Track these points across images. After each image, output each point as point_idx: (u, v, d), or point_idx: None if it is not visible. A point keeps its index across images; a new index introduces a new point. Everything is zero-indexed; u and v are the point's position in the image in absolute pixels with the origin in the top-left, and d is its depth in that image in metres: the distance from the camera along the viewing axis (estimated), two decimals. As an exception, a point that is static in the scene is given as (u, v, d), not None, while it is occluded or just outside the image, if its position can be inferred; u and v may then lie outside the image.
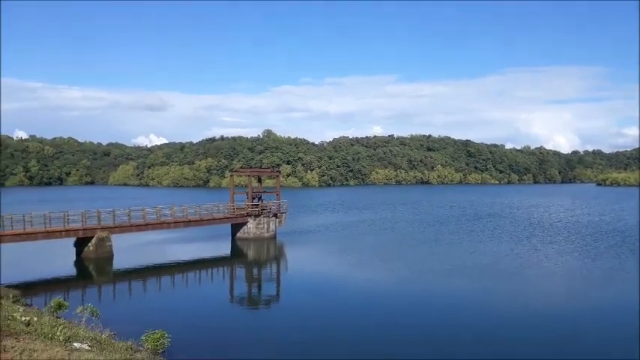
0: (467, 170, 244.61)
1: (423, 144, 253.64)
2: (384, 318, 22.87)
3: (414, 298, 26.53)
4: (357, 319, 22.82)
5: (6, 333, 9.91)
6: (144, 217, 40.89)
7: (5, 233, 32.50)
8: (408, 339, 19.99)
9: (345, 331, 20.97)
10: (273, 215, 48.87)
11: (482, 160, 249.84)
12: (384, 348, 18.75)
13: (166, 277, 32.64)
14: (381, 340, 19.65)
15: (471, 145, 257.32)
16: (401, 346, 18.98)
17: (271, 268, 37.90)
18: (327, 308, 24.86)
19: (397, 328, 21.34)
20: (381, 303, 25.70)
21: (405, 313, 23.94)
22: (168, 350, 15.96)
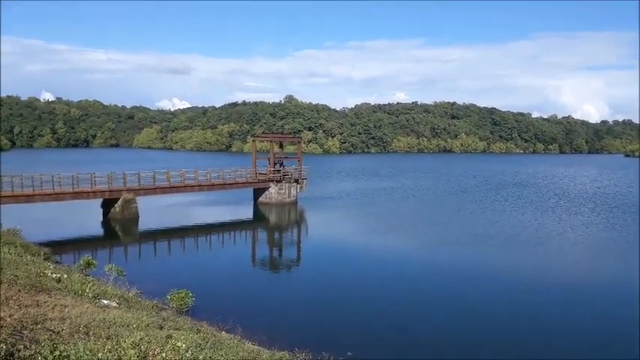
0: (491, 139, 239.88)
1: (447, 111, 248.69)
2: (402, 284, 23.07)
3: (433, 266, 26.60)
4: (376, 284, 23.07)
5: (38, 289, 10.31)
6: (168, 179, 41.58)
7: (35, 193, 33.51)
8: (424, 305, 20.18)
9: (364, 295, 21.24)
10: (295, 181, 49.13)
11: (508, 128, 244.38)
12: (399, 314, 18.97)
13: (190, 238, 33.37)
14: (398, 306, 19.86)
15: (496, 114, 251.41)
16: (416, 313, 19.19)
17: (292, 233, 38.35)
18: (346, 273, 25.18)
19: (414, 294, 21.53)
20: (400, 269, 25.88)
21: (424, 280, 24.09)
22: (192, 309, 16.49)
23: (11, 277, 10.33)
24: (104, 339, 6.41)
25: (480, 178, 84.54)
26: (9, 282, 9.83)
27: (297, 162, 51.25)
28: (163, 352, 5.57)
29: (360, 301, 20.41)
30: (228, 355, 7.25)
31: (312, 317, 18.43)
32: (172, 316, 11.92)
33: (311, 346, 11.13)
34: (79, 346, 5.50)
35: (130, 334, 6.73)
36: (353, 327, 17.41)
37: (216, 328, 12.62)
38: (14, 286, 9.54)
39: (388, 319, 18.32)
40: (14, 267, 11.96)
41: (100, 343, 5.94)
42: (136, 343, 5.94)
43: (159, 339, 6.71)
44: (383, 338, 16.40)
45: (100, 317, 8.08)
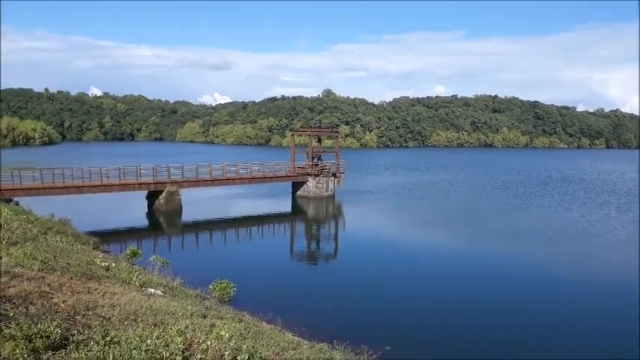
0: (534, 133, 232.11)
1: (488, 105, 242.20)
2: (442, 280, 22.79)
3: (474, 262, 26.12)
4: (414, 279, 22.90)
5: (89, 276, 10.81)
6: (210, 173, 42.54)
7: (85, 185, 35.00)
8: (463, 302, 19.83)
9: (402, 290, 21.13)
10: (332, 175, 49.24)
11: (551, 122, 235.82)
12: (437, 309, 18.77)
13: (231, 230, 34.04)
14: (436, 302, 19.65)
15: (539, 107, 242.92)
16: (455, 309, 18.89)
17: (329, 226, 38.48)
18: (384, 267, 25.07)
19: (454, 290, 21.21)
20: (440, 265, 25.55)
21: (464, 276, 23.68)
22: (233, 299, 16.87)
23: (64, 265, 10.86)
24: (152, 326, 6.67)
25: (524, 173, 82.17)
26: (62, 269, 10.34)
27: (335, 156, 51.33)
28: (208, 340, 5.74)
29: (397, 296, 20.32)
30: (269, 345, 7.41)
31: (350, 310, 18.49)
32: (215, 305, 12.24)
33: (349, 339, 11.18)
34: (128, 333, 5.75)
35: (175, 322, 6.97)
36: (391, 321, 17.35)
37: (257, 318, 12.87)
38: (67, 274, 10.02)
39: (426, 315, 18.17)
40: (66, 255, 12.56)
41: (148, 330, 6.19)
42: (182, 331, 6.15)
43: (203, 327, 6.92)
44: (420, 333, 16.30)
45: (146, 305, 8.40)
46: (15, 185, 32.87)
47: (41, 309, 6.81)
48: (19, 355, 4.55)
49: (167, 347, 5.20)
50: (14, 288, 7.49)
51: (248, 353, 5.68)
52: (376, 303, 19.39)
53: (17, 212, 19.19)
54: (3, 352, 4.67)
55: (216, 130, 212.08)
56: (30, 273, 8.82)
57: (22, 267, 9.11)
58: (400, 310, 18.58)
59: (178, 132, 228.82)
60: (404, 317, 17.87)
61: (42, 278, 8.65)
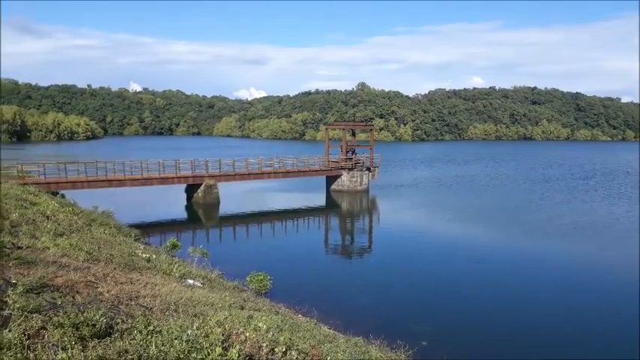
0: (575, 126, 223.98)
1: (528, 97, 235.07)
2: (478, 275, 22.36)
3: (513, 257, 25.52)
4: (450, 274, 22.54)
5: (131, 267, 11.16)
6: (247, 167, 43.15)
7: (126, 178, 36.12)
8: (501, 298, 19.41)
9: (437, 285, 20.88)
10: (367, 169, 49.01)
11: (594, 114, 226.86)
12: (474, 305, 18.44)
13: (267, 223, 34.43)
14: (472, 298, 19.29)
15: (581, 99, 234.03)
16: (492, 306, 18.52)
17: (364, 220, 38.37)
18: (419, 262, 24.82)
19: (490, 286, 20.80)
20: (477, 260, 25.05)
21: (502, 271, 23.18)
22: (270, 291, 17.08)
23: (107, 256, 11.25)
24: (191, 317, 6.83)
25: (565, 167, 79.54)
26: (106, 260, 10.71)
27: (369, 150, 51.05)
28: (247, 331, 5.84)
29: (433, 291, 20.10)
30: (306, 338, 7.47)
31: (385, 305, 18.41)
32: (252, 297, 12.43)
33: (385, 334, 11.15)
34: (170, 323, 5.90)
35: (214, 313, 7.11)
36: (426, 316, 17.19)
37: (293, 310, 13.01)
38: (110, 264, 10.38)
39: (463, 311, 17.88)
40: (110, 246, 13.01)
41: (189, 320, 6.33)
42: (221, 322, 6.27)
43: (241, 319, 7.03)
44: (457, 330, 16.07)
45: (186, 296, 8.60)
46: (61, 178, 34.27)
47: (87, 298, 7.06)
48: (67, 342, 4.73)
49: (207, 338, 5.32)
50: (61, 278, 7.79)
51: (285, 345, 5.75)
52: (411, 298, 19.23)
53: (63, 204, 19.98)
54: (52, 339, 4.86)
55: (251, 125, 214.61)
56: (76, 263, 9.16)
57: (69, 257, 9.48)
58: (436, 306, 18.38)
59: (215, 126, 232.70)
60: (440, 313, 17.66)
61: (87, 268, 8.97)
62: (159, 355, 4.65)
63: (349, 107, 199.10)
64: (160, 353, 4.68)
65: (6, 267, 7.53)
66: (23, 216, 12.71)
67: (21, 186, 22.45)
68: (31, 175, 33.92)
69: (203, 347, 5.00)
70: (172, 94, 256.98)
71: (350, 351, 7.63)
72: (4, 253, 8.21)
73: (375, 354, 8.48)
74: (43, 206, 16.57)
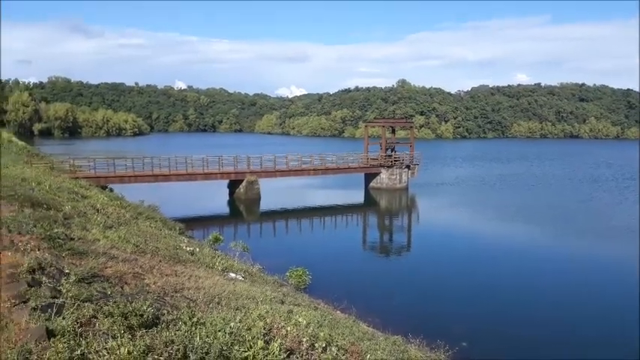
0: (626, 124, 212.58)
1: (575, 93, 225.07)
2: (521, 277, 21.78)
3: (557, 259, 24.68)
4: (491, 275, 22.07)
5: (176, 260, 11.50)
6: (287, 163, 43.61)
7: (171, 173, 37.27)
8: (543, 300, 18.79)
9: (477, 286, 20.45)
10: (406, 166, 48.48)
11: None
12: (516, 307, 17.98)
13: (306, 219, 34.68)
14: (514, 300, 18.81)
15: (632, 95, 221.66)
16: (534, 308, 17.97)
17: (402, 219, 38.03)
18: (459, 262, 24.38)
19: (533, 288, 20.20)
20: (519, 261, 24.41)
21: (546, 273, 22.45)
22: (309, 287, 17.22)
23: (153, 249, 11.64)
24: (234, 309, 6.99)
25: (615, 167, 76.03)
26: (152, 253, 11.09)
27: (409, 147, 50.47)
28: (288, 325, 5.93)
29: (473, 291, 19.72)
30: (345, 334, 7.51)
31: (424, 304, 18.23)
32: (291, 292, 12.59)
33: (424, 333, 11.03)
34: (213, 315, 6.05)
35: (256, 307, 7.26)
36: (466, 317, 16.88)
37: (332, 306, 13.06)
38: (156, 257, 10.73)
39: (504, 313, 17.50)
40: (155, 239, 13.45)
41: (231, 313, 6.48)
42: (262, 316, 6.39)
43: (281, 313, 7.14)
44: (498, 331, 15.74)
45: (229, 289, 8.81)
46: (109, 173, 35.72)
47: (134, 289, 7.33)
48: (117, 330, 4.90)
49: (249, 331, 5.43)
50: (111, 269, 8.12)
51: (325, 341, 5.79)
52: (451, 298, 18.95)
53: (112, 198, 20.81)
54: (102, 327, 5.05)
55: (292, 122, 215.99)
56: (124, 255, 9.54)
57: (117, 249, 9.87)
58: (476, 307, 18.01)
59: (257, 124, 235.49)
60: (481, 314, 17.32)
61: (134, 260, 9.33)
62: (203, 346, 4.79)
63: (389, 104, 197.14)
64: (205, 344, 4.81)
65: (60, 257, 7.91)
66: (75, 208, 13.32)
67: (73, 180, 23.51)
68: (81, 169, 35.45)
69: (245, 340, 5.11)
70: (215, 92, 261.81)
71: (389, 349, 7.61)
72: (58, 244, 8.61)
73: (414, 353, 8.42)
74: (93, 199, 17.32)
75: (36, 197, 12.67)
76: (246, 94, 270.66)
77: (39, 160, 34.43)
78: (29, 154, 38.94)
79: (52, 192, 15.49)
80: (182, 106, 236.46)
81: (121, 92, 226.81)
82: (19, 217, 9.72)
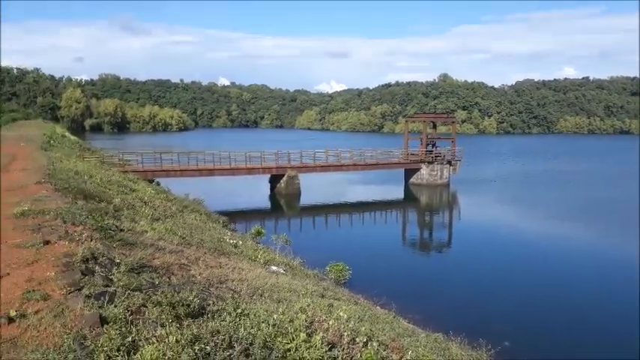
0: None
1: (626, 87, 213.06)
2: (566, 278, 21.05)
3: (606, 259, 23.70)
4: (534, 274, 21.43)
5: (220, 252, 11.79)
6: (327, 159, 43.75)
7: (215, 168, 38.21)
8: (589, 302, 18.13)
9: (520, 285, 20.00)
10: (447, 162, 47.64)
11: None
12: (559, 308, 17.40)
13: (345, 214, 34.73)
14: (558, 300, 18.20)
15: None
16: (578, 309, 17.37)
17: (443, 215, 37.45)
18: (501, 260, 23.83)
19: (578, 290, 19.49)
20: (565, 261, 23.58)
21: (593, 274, 21.63)
22: (348, 282, 17.26)
23: (198, 241, 11.96)
24: (276, 302, 7.11)
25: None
26: (197, 245, 11.40)
27: (451, 143, 49.54)
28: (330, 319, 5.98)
29: (516, 290, 19.27)
30: (385, 330, 7.51)
31: (464, 301, 17.95)
32: (331, 286, 12.66)
33: (465, 331, 10.87)
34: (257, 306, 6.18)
35: (297, 300, 7.36)
36: (509, 316, 16.55)
37: (372, 302, 13.05)
38: (201, 249, 11.03)
39: (548, 312, 16.99)
40: (200, 232, 13.82)
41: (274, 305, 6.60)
42: (304, 309, 6.46)
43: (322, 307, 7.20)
44: (542, 332, 15.31)
45: (271, 281, 8.96)
46: (156, 167, 36.96)
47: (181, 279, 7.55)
48: (165, 319, 5.03)
49: (292, 323, 5.50)
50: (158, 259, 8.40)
51: (366, 336, 5.80)
52: (492, 296, 18.60)
53: (158, 191, 21.50)
54: (151, 316, 5.22)
55: (331, 118, 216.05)
56: (170, 246, 9.84)
57: (164, 241, 10.19)
58: (519, 306, 17.61)
59: (297, 119, 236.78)
60: (523, 313, 16.95)
61: (181, 252, 9.61)
62: (247, 337, 4.88)
63: (430, 99, 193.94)
64: (249, 335, 4.91)
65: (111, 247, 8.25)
66: (124, 201, 13.84)
67: (122, 173, 24.43)
68: (130, 163, 36.77)
69: (288, 332, 5.19)
70: (258, 88, 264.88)
71: (430, 346, 7.56)
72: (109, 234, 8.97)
73: (455, 351, 8.33)
74: (141, 192, 17.95)
75: (88, 190, 13.24)
76: (287, 90, 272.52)
77: (90, 154, 35.93)
78: (81, 148, 40.66)
79: (103, 185, 16.16)
80: (225, 102, 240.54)
81: (167, 89, 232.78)
82: (72, 208, 10.16)
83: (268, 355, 4.70)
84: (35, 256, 6.79)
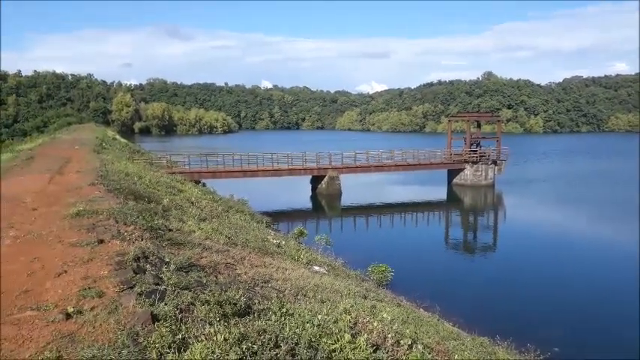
0: None
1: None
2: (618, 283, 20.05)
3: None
4: (585, 279, 20.59)
5: (264, 252, 11.96)
6: (367, 159, 43.58)
7: (259, 169, 38.90)
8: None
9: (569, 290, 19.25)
10: (492, 162, 46.44)
11: None
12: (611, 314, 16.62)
13: (386, 215, 34.49)
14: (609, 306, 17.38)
15: None
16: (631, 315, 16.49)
17: (488, 217, 36.55)
18: (549, 264, 22.97)
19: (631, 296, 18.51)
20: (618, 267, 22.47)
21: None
22: (391, 283, 17.12)
23: (243, 240, 12.18)
24: (320, 302, 7.15)
25: None
26: (242, 244, 11.61)
27: (496, 142, 48.26)
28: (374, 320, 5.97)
29: (566, 295, 18.58)
30: (429, 333, 7.42)
31: (510, 305, 17.49)
32: (373, 287, 12.61)
33: (512, 336, 10.58)
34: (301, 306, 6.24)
35: (341, 300, 7.38)
36: (557, 321, 15.97)
37: (415, 304, 12.91)
38: (246, 248, 11.22)
39: (601, 318, 16.27)
40: (245, 232, 14.06)
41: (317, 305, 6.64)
42: (348, 310, 6.47)
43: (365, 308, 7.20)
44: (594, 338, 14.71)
45: (314, 281, 9.02)
46: (202, 168, 37.96)
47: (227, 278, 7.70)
48: (213, 317, 5.11)
49: (336, 324, 5.51)
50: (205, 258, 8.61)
51: (411, 339, 5.75)
52: (540, 301, 18.01)
53: (205, 192, 22.06)
54: (200, 314, 5.33)
55: (372, 118, 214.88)
56: (217, 246, 10.06)
57: (211, 240, 10.44)
58: (570, 311, 16.97)
59: (338, 120, 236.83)
60: (574, 319, 16.32)
61: (227, 251, 9.82)
62: (293, 336, 4.92)
63: (473, 98, 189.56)
64: (294, 335, 4.95)
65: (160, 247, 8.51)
66: (172, 201, 14.26)
67: (169, 174, 25.18)
68: (177, 164, 37.90)
69: (333, 333, 5.20)
70: (299, 90, 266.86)
71: (476, 350, 7.42)
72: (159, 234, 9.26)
73: (502, 355, 8.13)
74: (188, 193, 18.46)
75: (138, 191, 13.73)
76: (328, 92, 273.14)
77: (139, 156, 37.22)
78: (131, 150, 42.18)
79: (152, 186, 16.69)
80: (268, 104, 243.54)
81: (211, 92, 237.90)
82: (124, 208, 10.54)
83: (314, 356, 4.72)
84: (90, 255, 7.03)
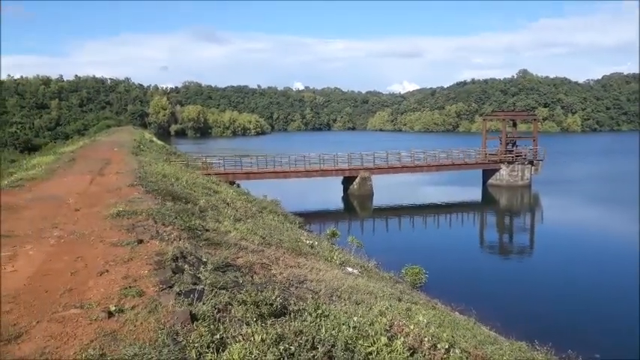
0: None
1: None
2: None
3: None
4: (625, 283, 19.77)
5: (297, 252, 12.01)
6: (399, 160, 43.23)
7: (291, 170, 39.23)
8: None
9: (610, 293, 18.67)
10: (529, 162, 45.33)
11: None
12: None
13: (419, 216, 34.12)
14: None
15: None
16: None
17: (524, 218, 35.69)
18: (588, 266, 22.35)
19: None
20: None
21: None
22: (425, 285, 16.94)
23: (277, 241, 12.27)
24: (354, 304, 7.14)
25: None
26: (276, 245, 11.69)
27: (532, 142, 47.06)
28: (410, 323, 5.92)
29: (605, 300, 17.98)
30: (466, 337, 7.30)
31: (548, 309, 17.01)
32: (407, 289, 12.50)
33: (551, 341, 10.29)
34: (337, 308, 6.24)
35: (375, 302, 7.35)
36: (597, 326, 15.48)
37: (450, 307, 12.73)
38: (280, 249, 11.30)
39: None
40: (279, 232, 14.17)
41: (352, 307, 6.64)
42: (383, 312, 6.45)
43: (400, 310, 7.15)
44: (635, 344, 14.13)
45: (348, 283, 9.01)
46: (237, 169, 38.58)
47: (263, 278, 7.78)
48: (250, 317, 5.16)
49: (372, 326, 5.50)
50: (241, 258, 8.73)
51: (448, 342, 5.67)
52: (579, 304, 17.54)
53: (239, 193, 22.35)
54: (237, 314, 5.39)
55: (403, 118, 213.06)
56: (252, 246, 10.18)
57: (246, 240, 10.56)
58: (611, 316, 16.36)
59: (369, 121, 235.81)
60: (614, 323, 15.74)
61: (262, 251, 9.92)
62: (329, 338, 4.92)
63: (508, 96, 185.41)
64: (330, 337, 4.94)
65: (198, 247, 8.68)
66: (208, 202, 14.51)
67: (205, 176, 25.65)
68: (212, 166, 38.59)
69: (369, 335, 5.19)
70: (330, 91, 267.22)
71: (515, 355, 7.26)
72: (196, 234, 9.43)
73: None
74: (223, 194, 18.74)
75: (175, 191, 14.04)
76: (359, 92, 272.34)
77: (176, 157, 38.09)
78: (167, 152, 43.19)
79: (189, 187, 17.03)
80: (300, 106, 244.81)
81: (245, 94, 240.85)
82: (162, 209, 10.79)
83: (351, 358, 4.72)
84: (130, 254, 7.22)
